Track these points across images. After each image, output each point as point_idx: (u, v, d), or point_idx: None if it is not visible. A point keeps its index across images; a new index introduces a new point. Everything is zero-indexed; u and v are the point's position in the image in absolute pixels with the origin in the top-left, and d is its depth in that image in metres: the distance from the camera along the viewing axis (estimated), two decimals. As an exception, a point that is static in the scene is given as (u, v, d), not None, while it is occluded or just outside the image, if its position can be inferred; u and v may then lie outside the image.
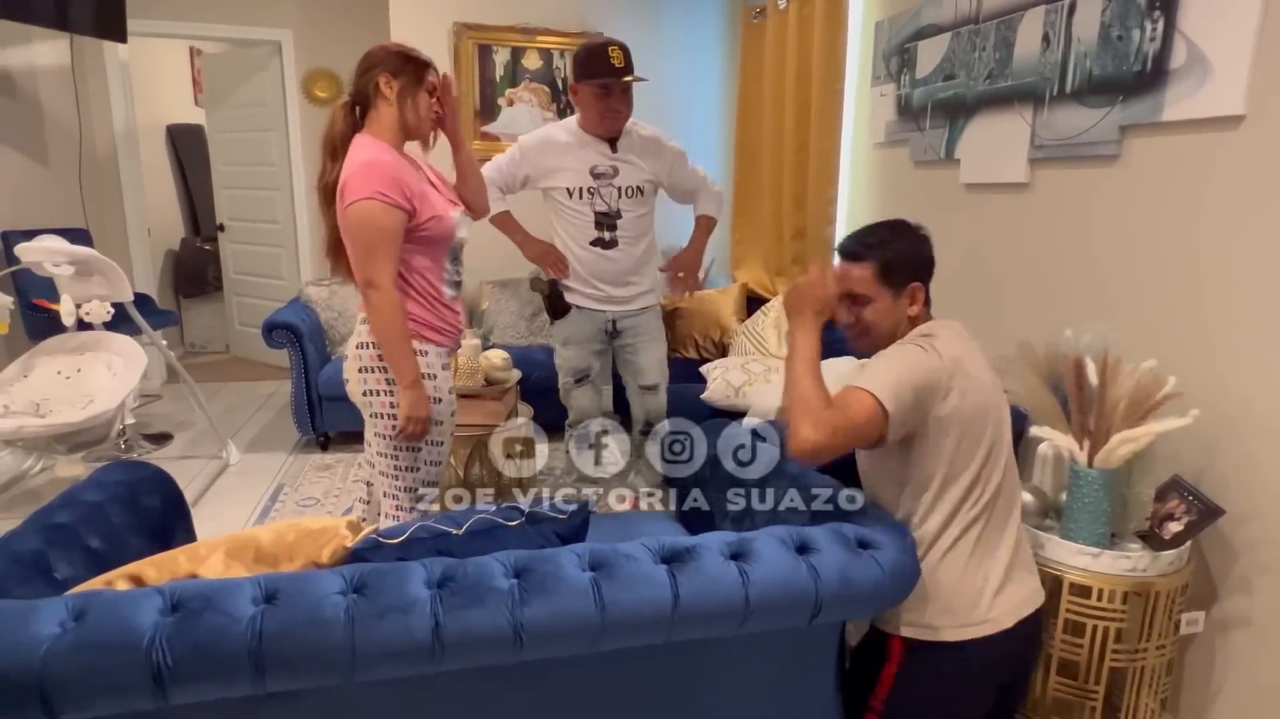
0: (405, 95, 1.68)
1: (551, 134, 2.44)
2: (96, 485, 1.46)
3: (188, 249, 5.51)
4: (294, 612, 1.00)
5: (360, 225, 1.61)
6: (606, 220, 2.41)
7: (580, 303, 2.50)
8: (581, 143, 2.38)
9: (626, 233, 2.42)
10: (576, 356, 2.55)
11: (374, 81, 1.68)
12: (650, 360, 2.58)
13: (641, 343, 2.56)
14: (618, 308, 2.50)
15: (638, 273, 2.49)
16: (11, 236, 3.14)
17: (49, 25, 3.28)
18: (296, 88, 4.54)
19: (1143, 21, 1.74)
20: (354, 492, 3.13)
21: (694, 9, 4.17)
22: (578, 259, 2.45)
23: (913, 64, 2.62)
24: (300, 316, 3.49)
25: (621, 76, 2.26)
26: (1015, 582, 1.37)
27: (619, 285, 2.48)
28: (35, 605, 0.97)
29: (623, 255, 2.44)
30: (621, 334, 2.55)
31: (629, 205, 2.41)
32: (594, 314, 2.51)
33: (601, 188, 2.38)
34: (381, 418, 1.75)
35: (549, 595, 1.07)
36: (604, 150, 2.38)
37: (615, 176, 2.39)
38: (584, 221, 2.41)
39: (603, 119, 2.32)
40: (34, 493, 3.13)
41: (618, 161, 2.39)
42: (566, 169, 2.38)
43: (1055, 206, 2.06)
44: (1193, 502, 1.54)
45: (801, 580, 1.17)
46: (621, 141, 2.39)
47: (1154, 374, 1.52)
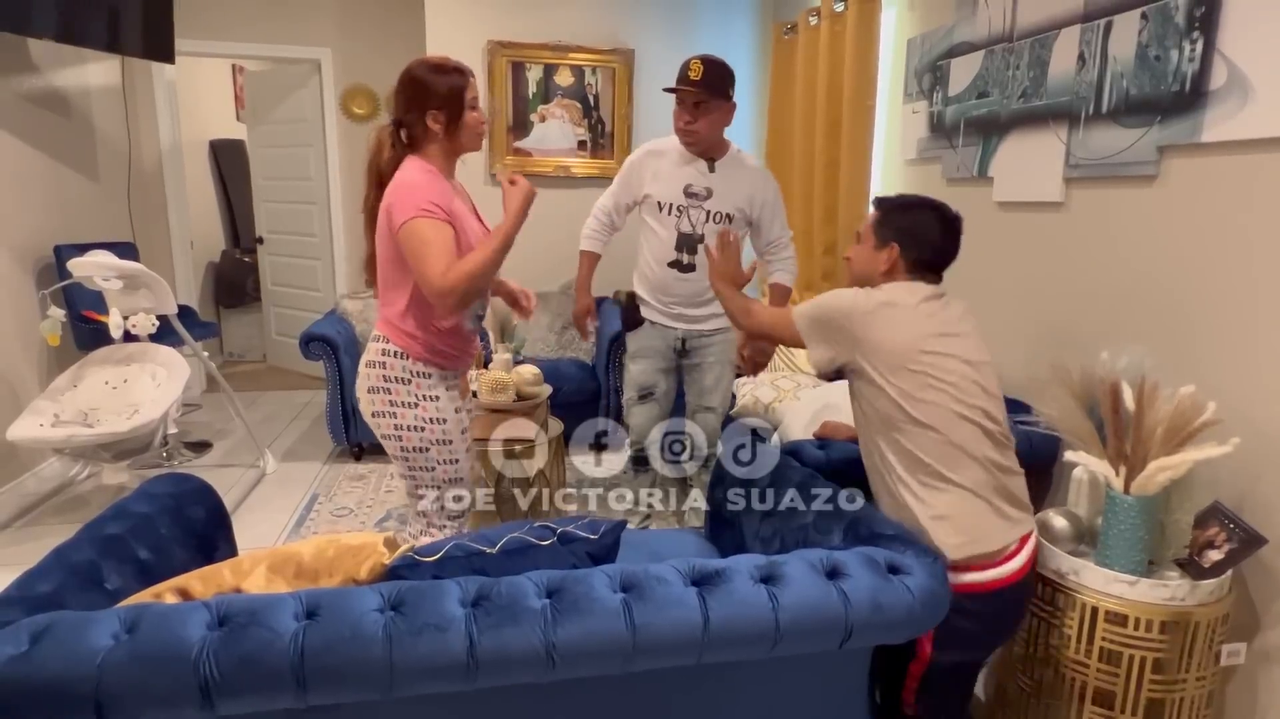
0: (452, 124, 1.70)
1: (653, 145, 2.48)
2: (145, 497, 1.51)
3: (228, 261, 5.66)
4: (335, 628, 1.03)
5: (413, 242, 1.60)
6: (688, 243, 2.41)
7: (653, 317, 2.51)
8: (682, 158, 2.40)
9: (705, 259, 2.42)
10: (643, 372, 2.55)
11: (421, 120, 1.69)
12: (715, 382, 2.56)
13: (709, 364, 2.54)
14: (689, 326, 2.50)
15: (713, 298, 2.49)
16: (64, 250, 3.26)
17: (101, 48, 3.41)
18: (335, 104, 4.66)
19: (1181, 42, 1.72)
20: (386, 502, 3.19)
21: (725, 25, 4.20)
22: (655, 277, 2.47)
23: (945, 81, 2.61)
24: (336, 329, 3.56)
25: (685, 85, 2.29)
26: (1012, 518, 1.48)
27: (693, 306, 2.48)
28: (92, 617, 1.01)
29: (698, 280, 2.41)
30: (690, 354, 2.54)
31: (714, 231, 2.34)
32: (665, 330, 2.51)
33: (691, 208, 2.38)
34: (389, 439, 1.77)
35: (581, 616, 1.09)
36: (702, 169, 2.39)
37: (707, 199, 2.38)
38: (666, 240, 2.42)
39: (679, 133, 2.35)
40: (81, 499, 3.24)
41: (713, 183, 2.38)
42: (663, 180, 2.40)
43: (1091, 226, 2.04)
44: (1234, 529, 1.51)
45: (832, 605, 1.18)
46: (720, 163, 2.39)
47: (1193, 400, 1.50)
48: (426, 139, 1.71)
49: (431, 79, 1.69)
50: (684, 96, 2.31)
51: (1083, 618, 1.54)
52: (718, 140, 2.40)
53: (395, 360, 1.73)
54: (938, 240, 1.58)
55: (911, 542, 1.36)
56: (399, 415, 1.74)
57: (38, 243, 3.27)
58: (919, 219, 1.59)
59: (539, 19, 3.96)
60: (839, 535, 1.47)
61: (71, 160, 3.58)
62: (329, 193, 4.79)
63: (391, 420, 1.75)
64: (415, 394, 1.73)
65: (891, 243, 1.58)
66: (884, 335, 1.48)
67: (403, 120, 1.72)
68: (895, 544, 1.34)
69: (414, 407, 1.73)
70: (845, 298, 1.55)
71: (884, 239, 1.60)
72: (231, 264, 5.65)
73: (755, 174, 2.45)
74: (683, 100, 2.31)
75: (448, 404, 1.77)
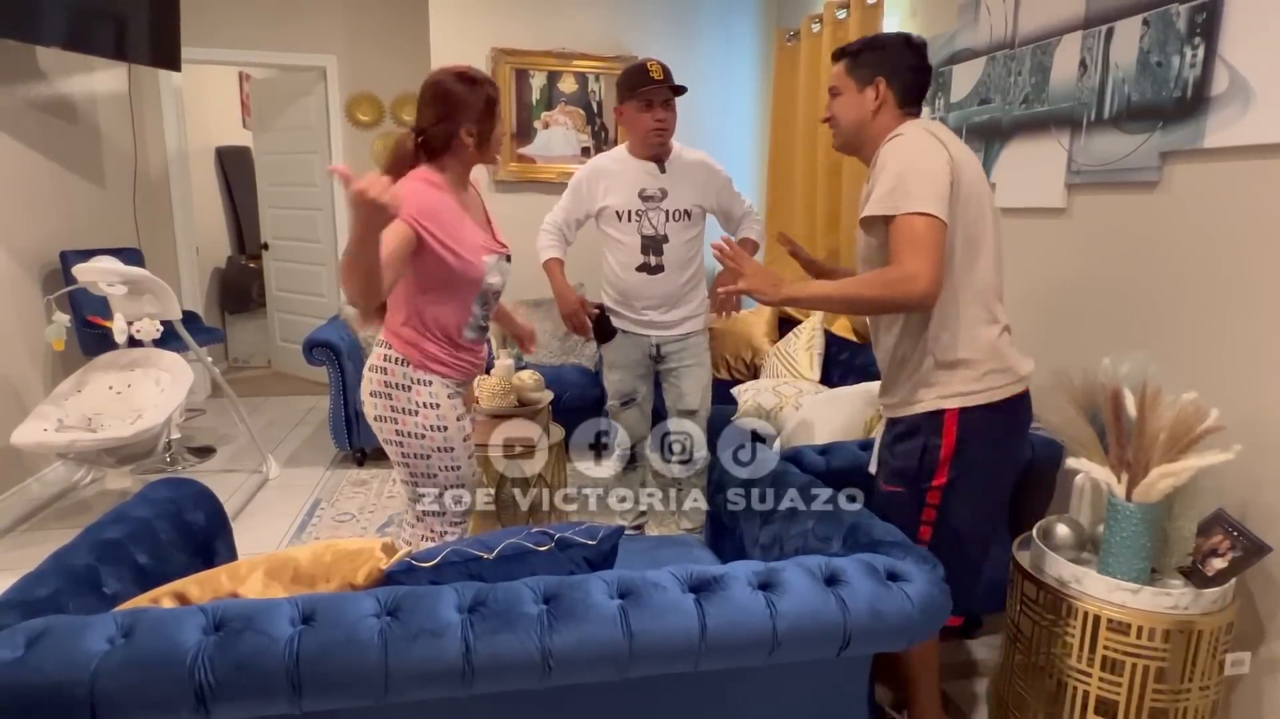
0: (485, 137, 1.70)
1: (599, 163, 2.50)
2: (145, 502, 1.52)
3: (233, 266, 5.69)
4: (330, 633, 1.03)
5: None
6: (653, 244, 2.44)
7: (625, 327, 2.53)
8: (629, 167, 2.43)
9: (673, 258, 2.45)
10: (622, 380, 2.60)
11: (456, 134, 1.67)
12: (692, 385, 2.59)
13: (685, 368, 2.58)
14: (661, 333, 2.53)
15: (684, 299, 2.51)
16: (69, 256, 3.28)
17: (109, 56, 3.43)
18: (340, 111, 4.68)
19: (1182, 48, 1.72)
20: (388, 507, 3.19)
21: (728, 32, 4.21)
22: (624, 284, 2.48)
23: (948, 88, 2.61)
24: (339, 335, 3.57)
25: (662, 85, 2.31)
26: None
27: (663, 311, 2.50)
28: (87, 622, 1.01)
29: (668, 280, 2.46)
30: (665, 359, 2.57)
31: (676, 229, 2.44)
32: (638, 339, 2.54)
33: (649, 210, 2.42)
34: (390, 444, 1.77)
35: (577, 622, 1.08)
36: (652, 171, 2.42)
37: (663, 199, 2.42)
38: (630, 246, 2.44)
39: (648, 134, 2.36)
40: (84, 503, 3.25)
41: (666, 183, 2.42)
42: (616, 189, 2.42)
43: (1094, 232, 2.04)
44: (1237, 537, 1.49)
45: (830, 613, 1.17)
46: (669, 163, 2.43)
47: (1195, 406, 1.49)
48: (451, 151, 1.70)
49: (465, 93, 1.67)
50: (657, 95, 2.32)
51: (1085, 626, 1.52)
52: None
53: (396, 367, 1.73)
54: (915, 61, 1.58)
55: (910, 548, 1.35)
56: (400, 421, 1.74)
57: (44, 249, 3.29)
58: (890, 47, 1.58)
59: (543, 27, 3.98)
60: (838, 542, 1.46)
61: (78, 167, 3.61)
62: (334, 199, 4.81)
63: (393, 426, 1.75)
64: (416, 401, 1.73)
65: (875, 78, 1.57)
66: (968, 174, 1.49)
67: (428, 131, 1.69)
68: (895, 551, 1.33)
69: (414, 413, 1.73)
70: (920, 165, 1.44)
71: (864, 79, 1.58)
72: (236, 270, 5.68)
73: (701, 166, 2.49)
74: (653, 99, 2.32)
75: (449, 411, 1.76)
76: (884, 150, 1.51)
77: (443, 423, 1.75)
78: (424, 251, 1.63)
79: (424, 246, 1.62)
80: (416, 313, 1.71)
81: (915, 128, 1.53)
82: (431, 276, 1.68)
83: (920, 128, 1.53)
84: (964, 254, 1.51)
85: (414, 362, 1.72)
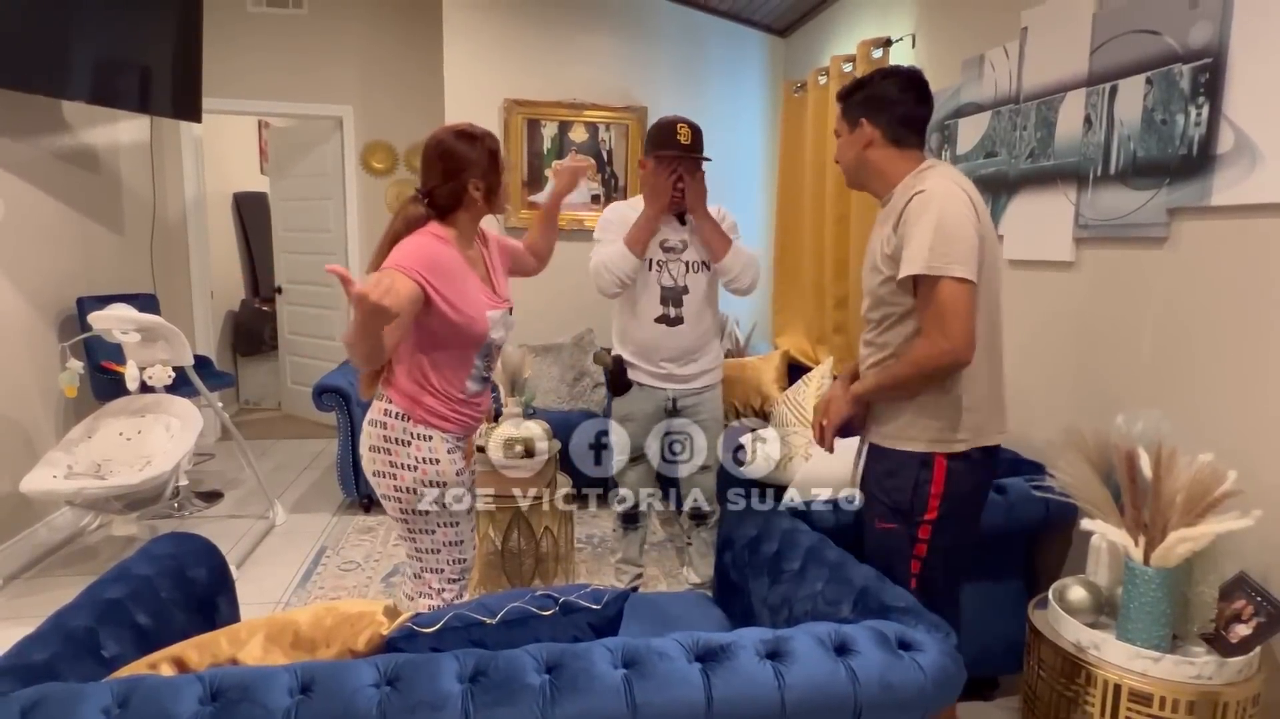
0: (492, 189, 1.73)
1: (622, 211, 2.50)
2: (148, 558, 1.51)
3: (246, 309, 5.75)
4: (328, 704, 1.01)
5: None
6: (672, 295, 2.44)
7: (642, 379, 2.50)
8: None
9: (691, 309, 2.44)
10: (633, 435, 2.55)
11: (464, 188, 1.70)
12: (708, 440, 2.56)
13: (701, 422, 2.55)
14: (679, 386, 2.50)
15: (701, 350, 2.50)
16: (85, 303, 3.33)
17: (133, 109, 3.53)
18: (355, 159, 4.78)
19: (1186, 107, 1.73)
20: (394, 555, 3.16)
21: (736, 83, 4.29)
22: (641, 335, 2.47)
23: (953, 140, 2.64)
24: (349, 380, 3.58)
25: (685, 153, 2.32)
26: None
27: (682, 364, 2.48)
28: (83, 691, 0.99)
29: (688, 331, 2.45)
30: (681, 413, 2.54)
31: (695, 280, 2.44)
32: (654, 391, 2.51)
33: (670, 262, 2.42)
34: (389, 499, 1.76)
35: (580, 694, 1.06)
36: (673, 224, 2.43)
37: (684, 251, 2.43)
38: (650, 297, 2.44)
39: (663, 189, 2.34)
40: (90, 550, 3.24)
41: (686, 235, 2.43)
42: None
43: (1103, 287, 2.03)
44: (1261, 603, 1.45)
45: (839, 684, 1.14)
46: (688, 216, 2.43)
47: (1213, 469, 1.46)
48: (461, 206, 1.72)
49: (467, 150, 1.69)
50: (673, 162, 2.31)
51: (1105, 696, 1.48)
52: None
53: (396, 421, 1.72)
54: (895, 94, 1.61)
55: (922, 614, 1.32)
56: (398, 477, 1.72)
57: (61, 295, 3.34)
58: (874, 87, 1.62)
59: (554, 78, 4.07)
60: (848, 606, 1.43)
61: (98, 214, 3.68)
62: (347, 244, 4.88)
63: (391, 481, 1.73)
64: (414, 456, 1.71)
65: (859, 120, 1.63)
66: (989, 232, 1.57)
67: (436, 190, 1.71)
68: (906, 618, 1.30)
69: (413, 469, 1.72)
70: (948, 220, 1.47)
71: (852, 121, 1.65)
72: (250, 313, 5.74)
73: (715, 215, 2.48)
74: (673, 163, 2.32)
75: (448, 468, 1.74)
76: (914, 204, 1.52)
77: (441, 478, 1.74)
78: (429, 308, 1.64)
79: (429, 303, 1.63)
80: (418, 366, 1.71)
81: (942, 179, 1.54)
82: (435, 332, 1.68)
83: (946, 178, 1.55)
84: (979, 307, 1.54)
85: (414, 416, 1.71)
